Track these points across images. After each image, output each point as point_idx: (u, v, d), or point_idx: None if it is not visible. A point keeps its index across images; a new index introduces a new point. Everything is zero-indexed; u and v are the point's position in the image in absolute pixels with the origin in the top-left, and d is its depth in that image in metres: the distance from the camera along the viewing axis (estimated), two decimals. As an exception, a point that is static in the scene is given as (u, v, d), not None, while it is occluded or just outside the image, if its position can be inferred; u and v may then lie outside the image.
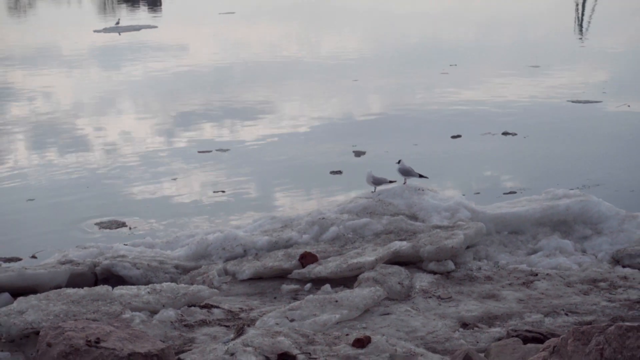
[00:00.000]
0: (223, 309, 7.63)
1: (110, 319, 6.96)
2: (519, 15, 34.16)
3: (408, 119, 16.47)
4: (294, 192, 12.33)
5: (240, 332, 6.61)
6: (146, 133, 16.34)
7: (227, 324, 7.28)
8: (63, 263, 8.65)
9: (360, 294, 7.53)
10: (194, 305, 7.57)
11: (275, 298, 8.07)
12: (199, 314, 7.43)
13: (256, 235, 9.31)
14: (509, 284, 8.06)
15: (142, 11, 38.01)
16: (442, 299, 7.74)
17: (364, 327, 7.03)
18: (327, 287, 7.97)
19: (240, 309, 7.69)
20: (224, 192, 12.29)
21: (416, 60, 23.90)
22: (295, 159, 13.83)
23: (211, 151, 14.49)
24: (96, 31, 29.91)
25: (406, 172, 10.10)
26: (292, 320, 7.03)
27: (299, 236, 9.18)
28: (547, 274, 8.23)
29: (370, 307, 7.44)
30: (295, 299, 7.88)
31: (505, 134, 14.87)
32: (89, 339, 5.92)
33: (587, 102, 17.22)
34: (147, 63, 24.39)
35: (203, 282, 8.35)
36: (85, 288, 7.60)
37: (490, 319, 7.25)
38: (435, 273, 8.34)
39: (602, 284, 7.94)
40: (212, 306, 7.65)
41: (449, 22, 31.94)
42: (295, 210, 10.99)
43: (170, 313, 7.30)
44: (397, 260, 8.45)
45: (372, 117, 16.86)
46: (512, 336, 6.54)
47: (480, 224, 9.07)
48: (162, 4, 41.08)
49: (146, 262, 8.73)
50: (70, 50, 26.58)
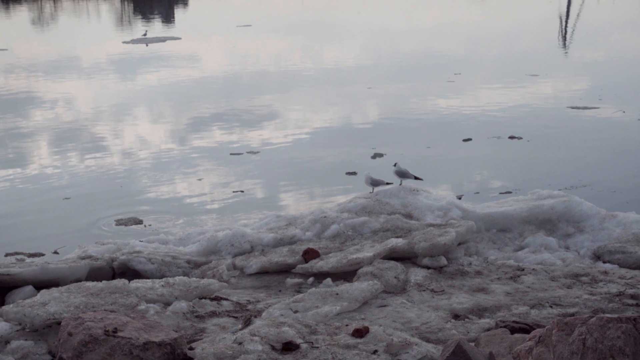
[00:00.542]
0: (232, 301, 7.64)
1: (127, 310, 6.96)
2: (508, 29, 34.17)
3: (421, 123, 16.46)
4: (309, 192, 12.27)
5: (247, 322, 6.61)
6: (181, 136, 16.23)
7: (236, 315, 7.28)
8: (83, 258, 8.67)
9: (359, 287, 7.53)
10: (205, 298, 7.58)
11: (280, 291, 8.08)
12: (209, 306, 7.44)
13: (262, 233, 9.32)
14: (498, 278, 8.07)
15: (157, 24, 37.99)
16: (435, 292, 7.74)
17: (362, 318, 7.03)
18: (329, 281, 7.98)
19: (248, 301, 7.70)
20: (242, 192, 12.24)
21: (422, 69, 23.87)
22: (315, 161, 13.75)
23: (242, 153, 14.40)
24: (125, 42, 29.92)
25: (402, 174, 10.11)
26: (295, 312, 7.03)
27: (302, 233, 9.19)
28: (533, 269, 8.24)
29: (368, 300, 7.45)
30: (298, 292, 7.89)
31: (511, 137, 14.88)
32: (107, 329, 5.92)
33: (585, 108, 17.20)
34: (175, 70, 24.34)
35: (213, 276, 8.36)
36: (103, 281, 7.61)
37: (480, 311, 7.24)
38: (429, 268, 8.35)
39: (584, 279, 7.94)
40: (222, 298, 7.65)
41: (445, 36, 31.93)
42: (310, 208, 10.87)
43: (182, 305, 7.30)
44: (394, 256, 8.46)
45: (388, 121, 16.82)
46: (501, 327, 6.53)
47: (471, 222, 9.07)
48: (175, 18, 41.07)
49: (160, 257, 8.74)
50: (105, 59, 26.60)
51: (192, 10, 47.10)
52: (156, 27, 36.29)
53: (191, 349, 6.13)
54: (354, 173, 9.99)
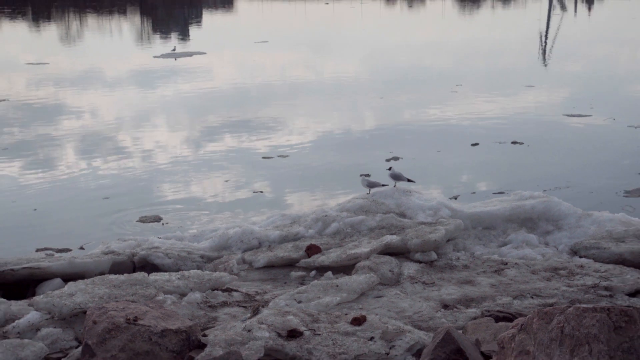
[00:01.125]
0: (241, 292, 7.64)
1: (146, 300, 6.96)
2: (496, 44, 34.15)
3: (431, 130, 16.45)
4: (324, 192, 12.21)
5: (255, 311, 6.61)
6: (214, 140, 16.12)
7: (245, 305, 7.28)
8: (106, 253, 8.67)
9: (357, 279, 7.53)
10: (217, 289, 7.58)
11: (285, 283, 8.08)
12: (221, 297, 7.44)
13: (269, 230, 9.32)
14: (483, 272, 8.06)
15: (174, 40, 37.97)
16: (426, 284, 7.74)
17: (360, 308, 7.03)
18: (329, 274, 7.97)
19: (256, 292, 7.70)
20: (262, 192, 12.15)
21: (427, 81, 23.84)
22: (334, 163, 13.68)
23: (273, 157, 14.31)
24: (155, 57, 29.94)
25: (396, 177, 10.11)
26: (299, 302, 7.03)
27: (306, 231, 9.19)
28: (516, 263, 8.23)
29: (365, 291, 7.45)
30: (302, 284, 7.89)
31: (514, 142, 14.88)
32: (128, 317, 5.92)
33: (579, 116, 17.20)
34: (204, 81, 24.29)
35: (224, 270, 8.36)
36: (125, 274, 7.61)
37: (467, 301, 7.24)
38: (420, 262, 8.34)
39: (562, 272, 7.93)
40: (232, 290, 7.65)
41: (440, 52, 31.92)
42: (326, 206, 10.79)
43: (196, 295, 7.30)
44: (388, 251, 8.45)
45: (400, 127, 16.80)
46: (486, 316, 6.53)
47: (459, 220, 9.06)
48: (190, 35, 41.07)
49: (176, 252, 8.74)
50: (138, 72, 26.63)
51: (205, 28, 47.08)
52: (173, 42, 36.26)
53: (204, 335, 6.13)
54: (368, 175, 10.04)
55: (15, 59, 30.30)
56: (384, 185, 10.03)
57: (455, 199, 11.38)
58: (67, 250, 9.55)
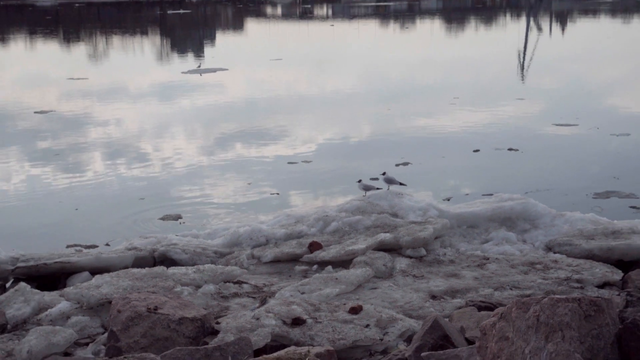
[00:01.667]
0: (250, 284, 7.65)
1: (165, 291, 6.97)
2: (480, 61, 34.05)
3: (435, 137, 16.32)
4: (335, 193, 12.08)
5: (263, 302, 6.62)
6: (243, 146, 15.89)
7: (254, 295, 7.29)
8: (129, 249, 8.68)
9: (355, 273, 7.54)
10: (229, 282, 7.60)
11: (290, 276, 8.08)
12: (232, 288, 7.45)
13: (276, 228, 9.32)
14: (467, 266, 8.07)
15: (190, 58, 37.95)
16: (416, 277, 7.74)
17: (357, 299, 7.04)
18: (329, 268, 7.98)
19: (264, 284, 7.71)
20: (278, 194, 12.05)
21: (426, 94, 23.66)
22: (347, 169, 13.43)
23: (297, 162, 14.11)
24: (183, 72, 29.93)
25: (389, 181, 10.12)
26: (302, 293, 7.04)
27: (308, 229, 9.19)
28: (496, 258, 8.23)
29: (362, 283, 7.46)
30: (305, 277, 7.90)
31: (510, 149, 14.82)
32: (149, 307, 5.94)
33: (567, 125, 17.15)
34: (230, 94, 24.11)
35: (235, 264, 8.37)
36: (146, 268, 7.63)
37: (453, 293, 7.25)
38: (411, 257, 8.35)
39: (538, 266, 7.93)
40: (242, 282, 7.66)
41: (432, 68, 31.85)
42: (327, 207, 10.60)
43: (210, 287, 7.32)
44: (382, 247, 8.46)
45: (407, 135, 16.68)
46: (470, 305, 6.53)
47: (446, 220, 9.07)
48: (206, 53, 41.04)
49: (192, 248, 8.76)
50: (169, 86, 26.40)
51: (219, 47, 47.03)
52: (190, 60, 36.22)
53: (217, 323, 6.14)
54: (376, 179, 10.00)
55: (57, 75, 30.25)
56: (378, 189, 10.04)
57: (448, 200, 11.33)
58: (94, 246, 9.55)
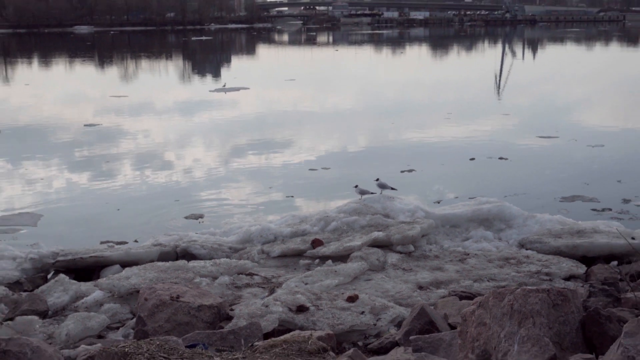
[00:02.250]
0: (261, 276, 7.65)
1: (186, 282, 6.98)
2: (464, 81, 34.05)
3: (434, 147, 16.27)
4: (342, 196, 11.88)
5: (272, 291, 6.63)
6: (268, 154, 15.74)
7: (263, 286, 7.29)
8: (155, 245, 8.69)
9: (352, 266, 7.54)
10: (242, 274, 7.60)
11: (295, 269, 8.09)
12: (245, 279, 7.46)
13: (282, 227, 9.32)
14: (450, 261, 8.06)
15: (209, 78, 37.97)
16: (405, 270, 7.74)
17: (354, 289, 7.03)
18: (330, 262, 7.98)
19: (272, 276, 7.71)
20: (292, 196, 11.84)
21: (423, 110, 23.61)
22: (356, 174, 13.17)
23: (317, 169, 13.96)
24: (210, 91, 29.97)
25: (382, 186, 10.12)
26: (306, 284, 7.04)
27: (311, 228, 9.19)
28: (475, 254, 8.23)
29: (358, 275, 7.46)
30: (308, 270, 7.89)
31: (500, 158, 14.77)
32: (172, 296, 5.94)
33: (549, 137, 17.14)
34: (253, 110, 23.99)
35: (247, 258, 8.37)
36: (169, 262, 7.64)
37: (437, 284, 7.24)
38: (401, 253, 8.34)
39: (512, 261, 7.93)
40: (254, 274, 7.67)
41: (424, 87, 31.84)
42: (327, 208, 10.44)
43: (225, 278, 7.32)
44: (376, 244, 8.46)
45: (409, 145, 16.63)
46: (452, 295, 6.53)
47: (431, 220, 9.07)
48: (227, 74, 41.02)
49: (210, 245, 8.76)
50: (199, 103, 26.39)
51: (238, 68, 47.04)
52: (210, 80, 36.23)
53: (232, 310, 6.15)
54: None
55: (100, 93, 30.30)
56: (372, 193, 10.05)
57: (439, 202, 11.27)
58: (124, 242, 9.54)
